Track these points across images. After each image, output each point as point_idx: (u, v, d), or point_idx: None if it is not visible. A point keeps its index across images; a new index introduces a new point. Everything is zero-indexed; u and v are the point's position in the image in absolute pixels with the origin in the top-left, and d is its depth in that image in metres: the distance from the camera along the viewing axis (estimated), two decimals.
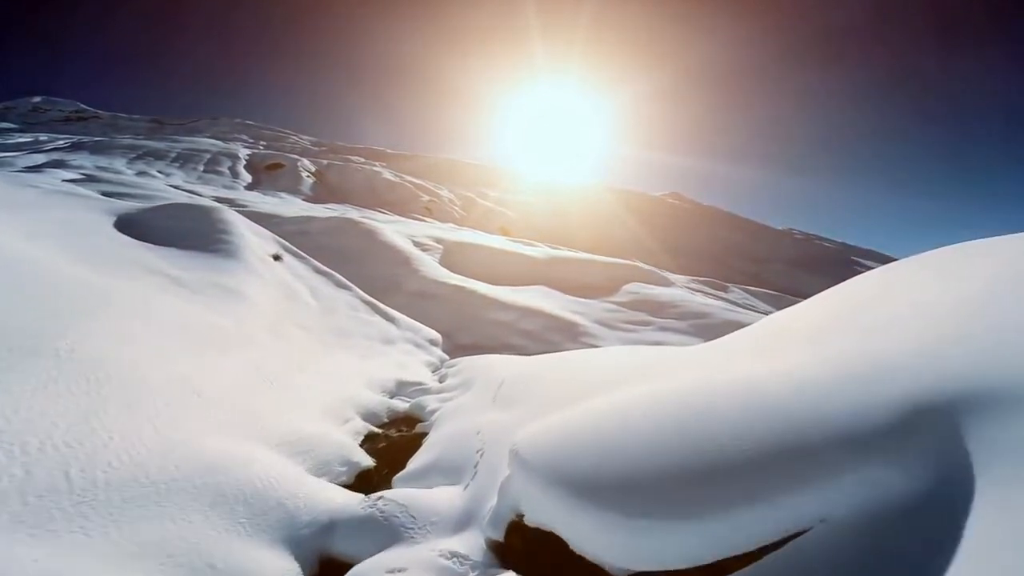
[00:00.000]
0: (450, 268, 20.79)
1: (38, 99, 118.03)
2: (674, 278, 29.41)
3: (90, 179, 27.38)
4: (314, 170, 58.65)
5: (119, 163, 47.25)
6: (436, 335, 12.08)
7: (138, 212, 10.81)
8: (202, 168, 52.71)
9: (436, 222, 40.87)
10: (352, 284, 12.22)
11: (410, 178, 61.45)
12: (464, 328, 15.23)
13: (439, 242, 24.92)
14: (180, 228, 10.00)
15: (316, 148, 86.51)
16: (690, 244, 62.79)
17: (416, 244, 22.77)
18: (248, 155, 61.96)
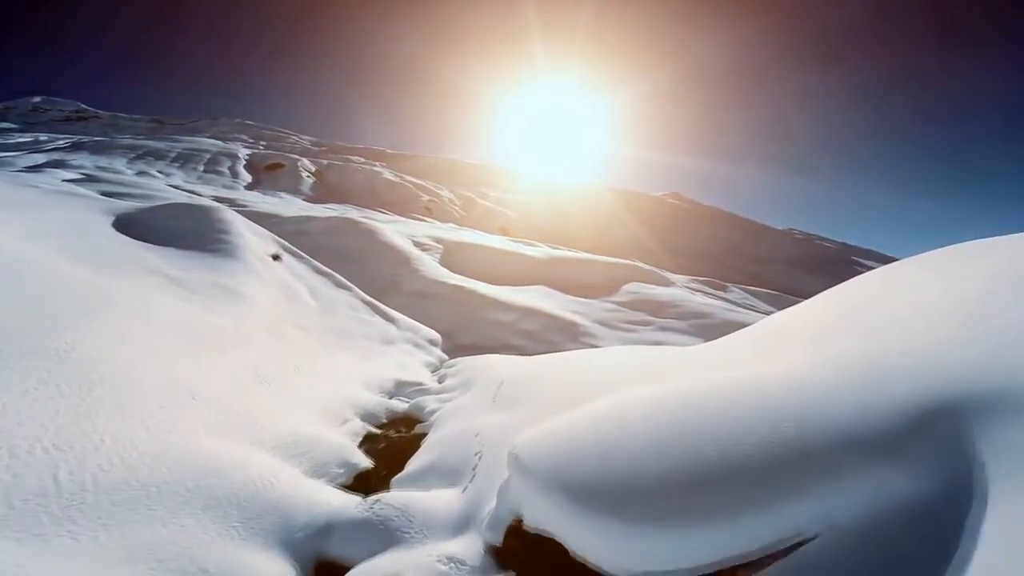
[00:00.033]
0: (450, 268, 20.75)
1: (38, 99, 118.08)
2: (674, 278, 29.37)
3: (90, 179, 27.36)
4: (314, 170, 58.62)
5: (119, 163, 47.24)
6: (436, 335, 12.04)
7: (137, 212, 10.77)
8: (202, 168, 52.69)
9: (436, 222, 40.83)
10: (352, 284, 12.19)
11: (410, 178, 61.42)
12: (464, 328, 15.19)
13: (439, 242, 24.89)
14: (179, 228, 9.97)
15: (316, 148, 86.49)
16: (690, 244, 62.73)
17: (416, 244, 22.73)
18: (248, 155, 61.93)
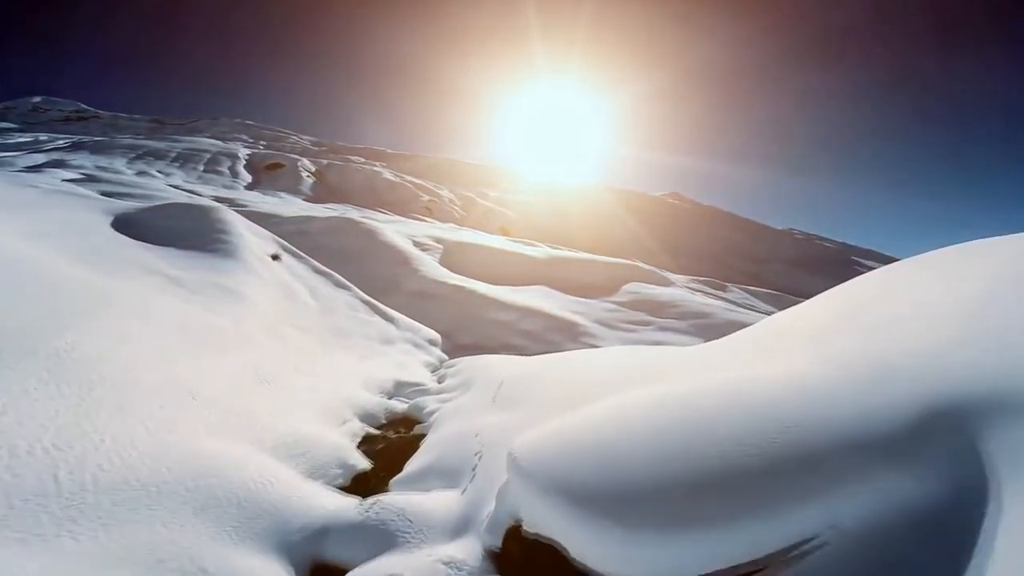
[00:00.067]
0: (450, 268, 20.74)
1: (38, 99, 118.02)
2: (674, 278, 29.35)
3: (90, 179, 27.34)
4: (314, 170, 58.59)
5: (119, 163, 47.22)
6: (435, 335, 12.03)
7: (137, 212, 10.76)
8: (202, 168, 52.66)
9: (436, 222, 40.81)
10: (351, 284, 12.17)
11: (410, 178, 61.39)
12: (464, 328, 15.18)
13: (439, 242, 24.87)
14: (179, 228, 9.95)
15: (316, 148, 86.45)
16: (690, 244, 62.70)
17: (416, 244, 22.72)
18: (248, 155, 61.91)
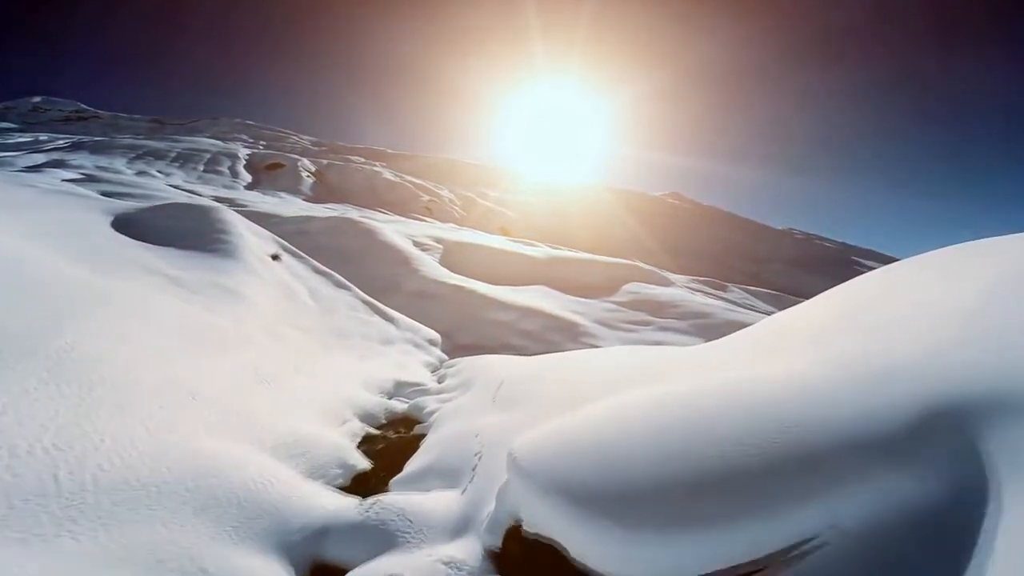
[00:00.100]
0: (450, 268, 20.73)
1: (38, 99, 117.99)
2: (674, 278, 29.34)
3: (90, 179, 27.34)
4: (314, 170, 58.59)
5: (119, 163, 47.21)
6: (435, 335, 12.03)
7: (136, 212, 10.75)
8: (202, 168, 52.66)
9: (436, 222, 40.81)
10: (351, 284, 12.17)
11: (410, 178, 61.38)
12: (464, 328, 15.18)
13: (439, 242, 24.87)
14: (179, 228, 9.95)
15: (316, 148, 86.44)
16: (690, 244, 62.69)
17: (416, 244, 22.71)
18: (248, 155, 61.91)
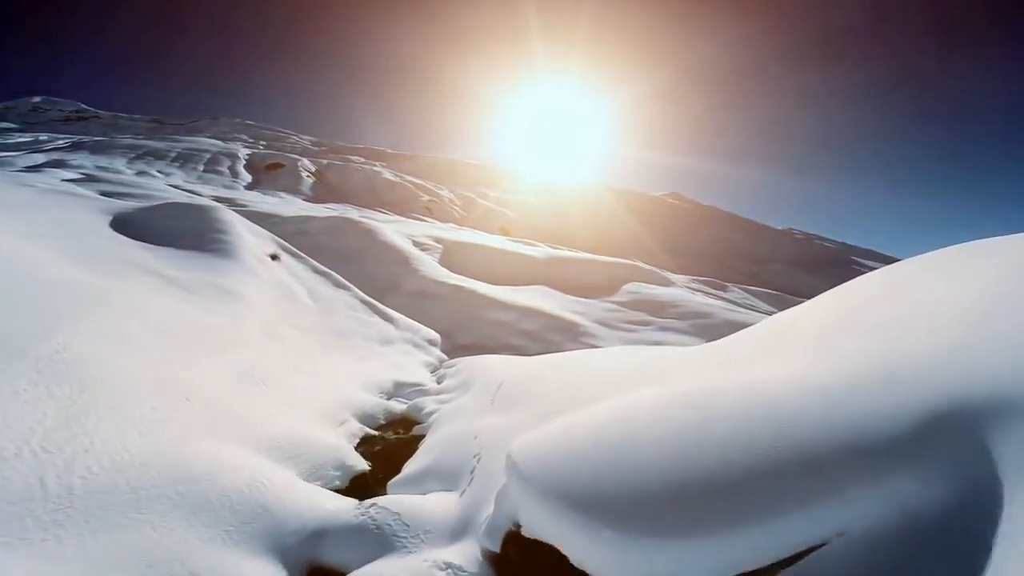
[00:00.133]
0: (450, 268, 20.69)
1: (38, 99, 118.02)
2: (674, 278, 29.30)
3: (90, 179, 27.30)
4: (314, 170, 58.56)
5: (119, 163, 47.19)
6: (435, 335, 11.98)
7: (135, 212, 10.71)
8: (202, 168, 52.64)
9: (436, 222, 40.77)
10: (351, 284, 12.12)
11: (410, 178, 61.35)
12: (464, 328, 15.13)
13: (439, 242, 24.83)
14: (177, 228, 9.91)
15: (316, 148, 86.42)
16: (690, 244, 62.64)
17: (416, 244, 22.67)
18: (248, 155, 61.90)
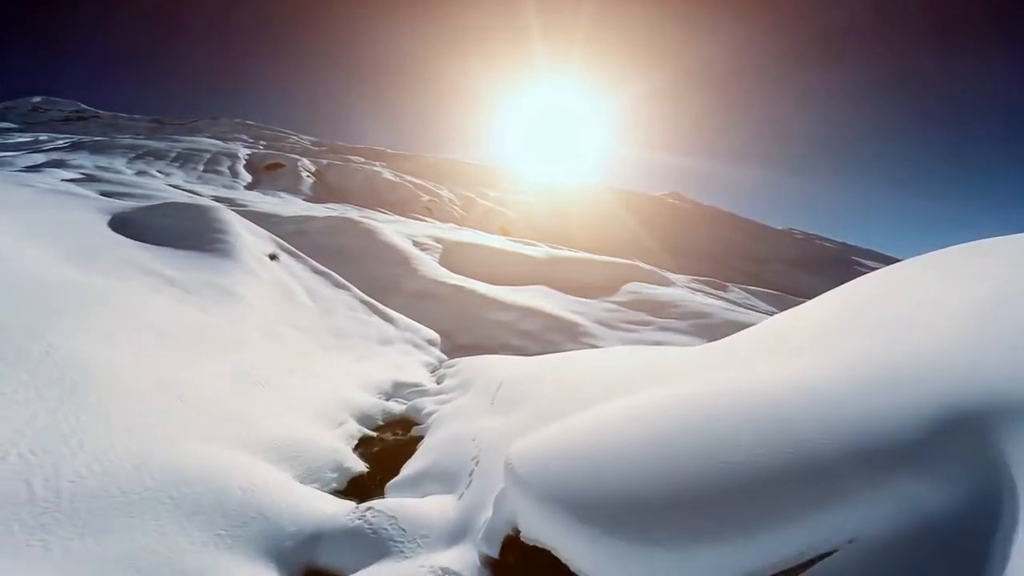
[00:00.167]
0: (450, 268, 20.64)
1: (38, 99, 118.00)
2: (674, 278, 29.24)
3: (90, 179, 27.25)
4: (314, 170, 58.51)
5: (119, 163, 47.14)
6: (435, 335, 11.93)
7: (134, 211, 10.66)
8: (202, 168, 52.59)
9: (436, 222, 40.71)
10: (350, 284, 12.07)
11: (410, 178, 61.29)
12: (464, 328, 15.07)
13: (439, 242, 24.77)
14: (176, 227, 9.86)
15: (316, 148, 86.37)
16: (690, 244, 62.57)
17: (416, 244, 22.62)
18: (248, 155, 61.84)
